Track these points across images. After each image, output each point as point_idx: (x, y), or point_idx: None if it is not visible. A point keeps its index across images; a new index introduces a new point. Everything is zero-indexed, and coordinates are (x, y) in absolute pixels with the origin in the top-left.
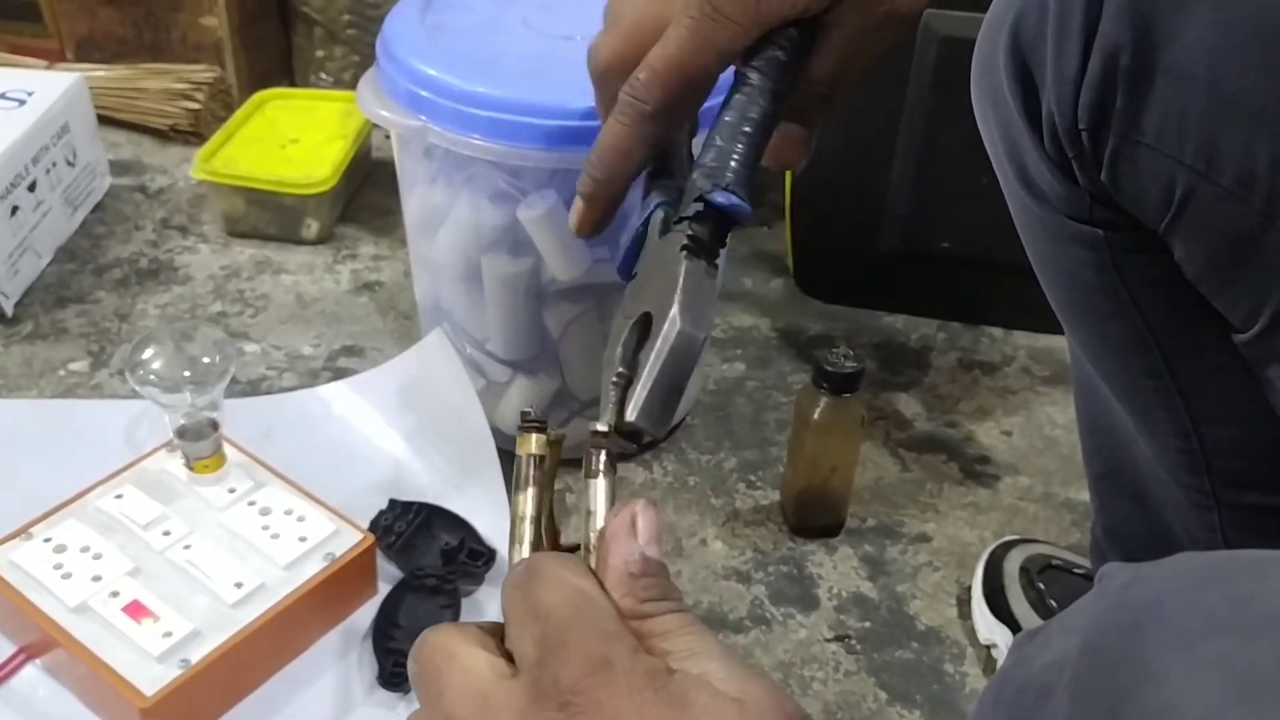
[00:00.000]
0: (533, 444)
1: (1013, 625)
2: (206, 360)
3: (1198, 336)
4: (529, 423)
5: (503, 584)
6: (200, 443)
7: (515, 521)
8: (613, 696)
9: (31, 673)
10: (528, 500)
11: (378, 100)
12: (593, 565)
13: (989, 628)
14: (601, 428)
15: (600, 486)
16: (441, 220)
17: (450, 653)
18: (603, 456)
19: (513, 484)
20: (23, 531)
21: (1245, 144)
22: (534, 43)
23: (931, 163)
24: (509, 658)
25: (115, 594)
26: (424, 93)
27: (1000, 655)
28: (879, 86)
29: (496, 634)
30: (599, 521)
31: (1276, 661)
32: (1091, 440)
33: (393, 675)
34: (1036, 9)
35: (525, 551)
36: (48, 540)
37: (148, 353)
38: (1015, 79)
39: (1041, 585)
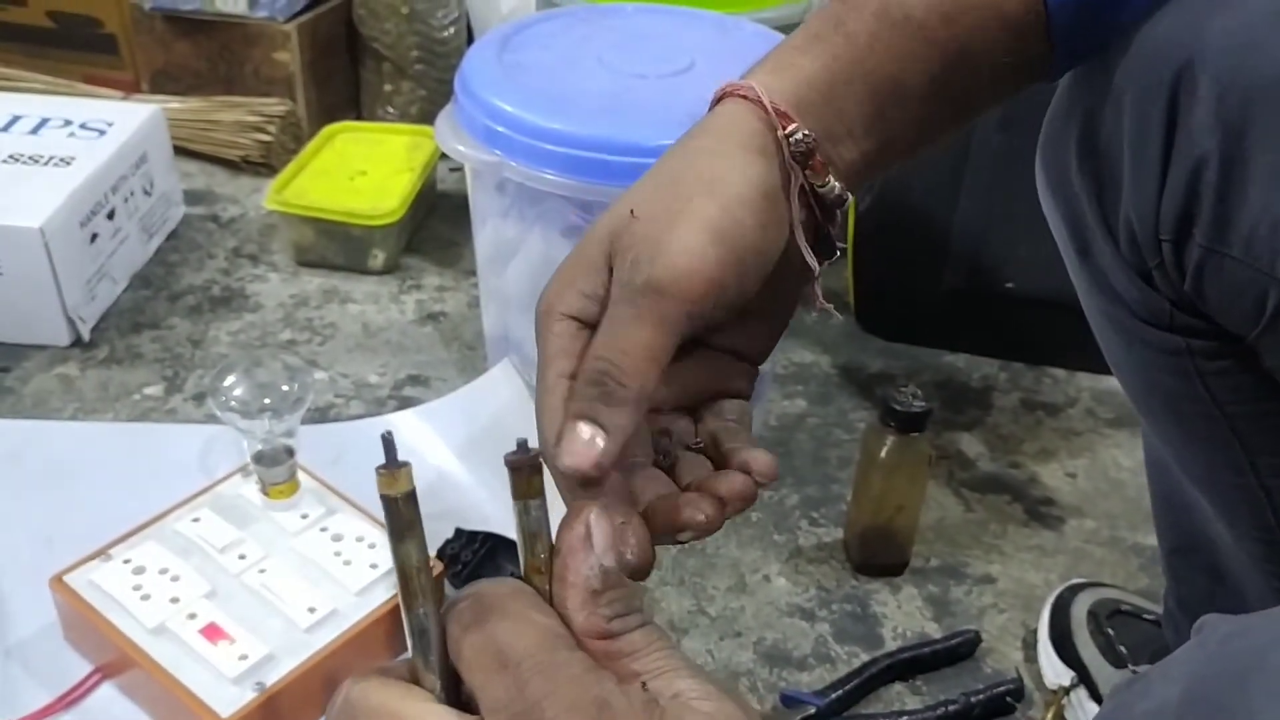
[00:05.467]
0: (406, 480)
1: (1081, 670)
2: (285, 388)
3: None
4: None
5: (450, 622)
6: (276, 468)
7: (410, 574)
8: None
9: (106, 692)
10: (417, 547)
11: (455, 135)
12: (543, 587)
13: (1056, 672)
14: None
15: (543, 506)
16: (513, 253)
17: (393, 713)
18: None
19: (393, 532)
20: (102, 553)
21: None
22: (608, 80)
23: (997, 203)
24: (458, 705)
25: (192, 616)
26: (500, 128)
27: (1067, 700)
28: None
29: (421, 675)
30: (546, 540)
31: None
32: (1165, 516)
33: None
34: (1111, 111)
35: (429, 606)
36: (127, 561)
37: (229, 379)
38: (1087, 181)
39: (1110, 631)
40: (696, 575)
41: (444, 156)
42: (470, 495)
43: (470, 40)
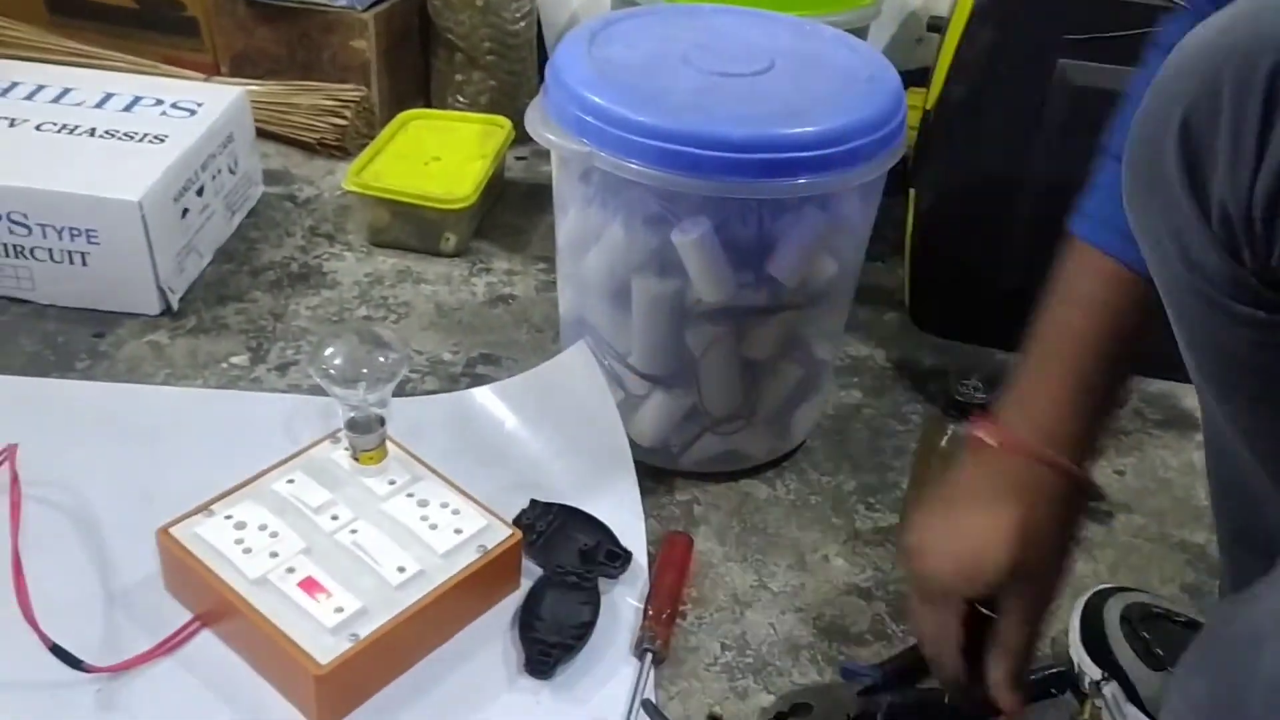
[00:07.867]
0: None
1: (1118, 673)
2: (381, 360)
3: None
4: None
5: None
6: (368, 435)
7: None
8: None
9: (205, 639)
10: None
11: (545, 124)
12: None
13: (1091, 673)
14: None
15: None
16: (594, 240)
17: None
18: None
19: None
20: (204, 508)
21: None
22: (693, 78)
23: (1056, 204)
24: None
25: (291, 570)
26: (590, 119)
27: (1109, 691)
28: (1009, 127)
29: None
30: None
31: None
32: (1225, 502)
33: (538, 663)
34: (1208, 99)
35: None
36: (229, 517)
37: (329, 350)
38: (1183, 165)
39: (1146, 634)
40: (759, 553)
41: (514, 144)
42: (544, 468)
43: (540, 34)
